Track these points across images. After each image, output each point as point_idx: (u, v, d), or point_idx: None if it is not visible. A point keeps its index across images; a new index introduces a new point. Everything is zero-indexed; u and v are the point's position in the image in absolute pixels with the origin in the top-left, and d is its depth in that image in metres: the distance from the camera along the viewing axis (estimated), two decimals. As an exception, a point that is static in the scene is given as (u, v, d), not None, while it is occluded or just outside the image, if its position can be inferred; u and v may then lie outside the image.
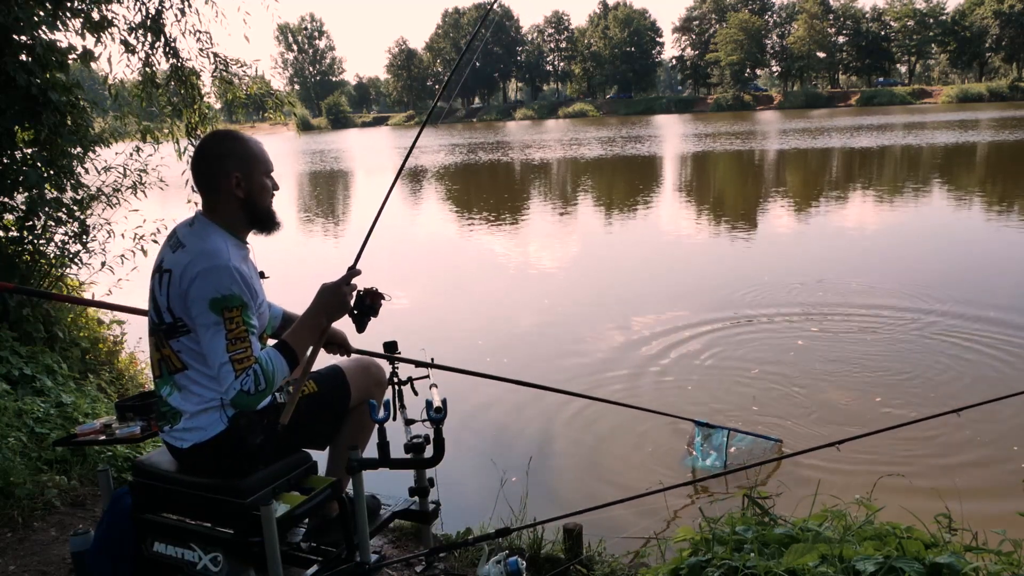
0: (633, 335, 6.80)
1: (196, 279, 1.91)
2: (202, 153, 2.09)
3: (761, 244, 11.42)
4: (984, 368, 5.64)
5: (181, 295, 1.94)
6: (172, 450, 2.13)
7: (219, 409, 2.03)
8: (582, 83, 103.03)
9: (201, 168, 2.08)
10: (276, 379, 1.99)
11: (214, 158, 2.06)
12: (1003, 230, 11.64)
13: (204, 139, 2.14)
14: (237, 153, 2.06)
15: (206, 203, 2.09)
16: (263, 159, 2.12)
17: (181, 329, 1.98)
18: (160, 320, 2.01)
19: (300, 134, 24.64)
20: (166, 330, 2.00)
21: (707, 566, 1.96)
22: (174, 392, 2.06)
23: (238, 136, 2.11)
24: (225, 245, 2.00)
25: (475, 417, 5.20)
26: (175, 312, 1.97)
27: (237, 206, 2.06)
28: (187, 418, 2.04)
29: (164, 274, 1.98)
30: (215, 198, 2.06)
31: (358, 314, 2.22)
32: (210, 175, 2.05)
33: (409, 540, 3.28)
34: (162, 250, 2.08)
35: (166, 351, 2.03)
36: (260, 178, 2.09)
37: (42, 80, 4.40)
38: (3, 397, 3.85)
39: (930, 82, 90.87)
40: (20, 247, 4.70)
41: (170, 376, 2.05)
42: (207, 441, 2.03)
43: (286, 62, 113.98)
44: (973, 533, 2.09)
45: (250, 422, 2.04)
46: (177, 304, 1.96)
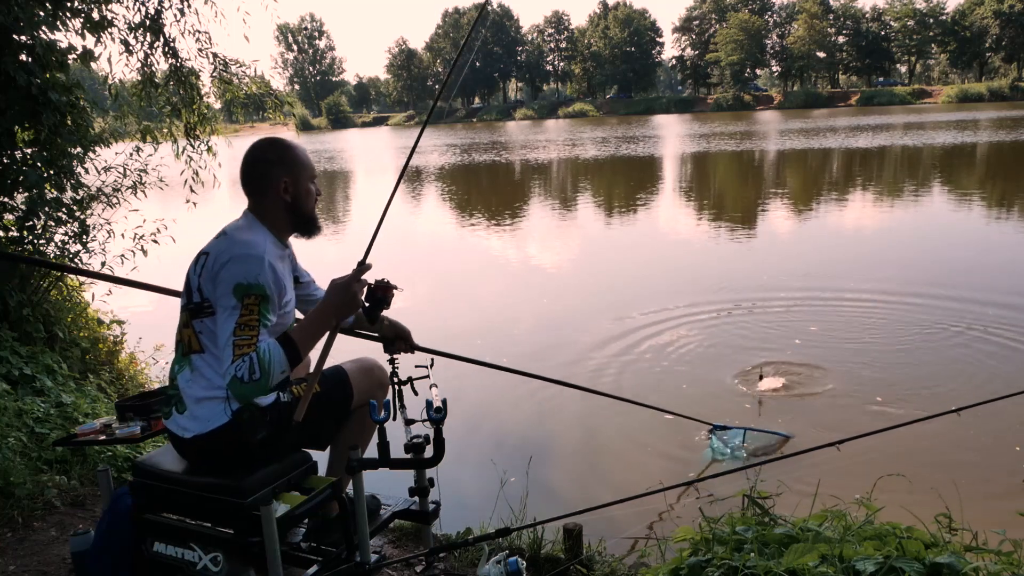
0: (633, 335, 6.79)
1: (228, 263, 2.00)
2: (253, 158, 2.17)
3: (761, 243, 11.42)
4: (985, 367, 5.64)
5: (212, 276, 2.01)
6: (174, 439, 2.14)
7: (224, 401, 2.04)
8: (582, 83, 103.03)
9: (251, 172, 2.17)
10: (273, 371, 1.95)
11: (264, 163, 2.16)
12: (1004, 230, 11.65)
13: (255, 145, 2.20)
14: (287, 160, 2.17)
15: (253, 204, 2.19)
16: (308, 166, 2.23)
17: (206, 310, 2.05)
18: (190, 299, 2.09)
19: (300, 134, 24.61)
20: (193, 309, 2.08)
21: (707, 566, 1.96)
22: (186, 371, 2.10)
23: (287, 143, 2.21)
24: (264, 240, 2.09)
25: (475, 417, 5.20)
26: (204, 292, 2.05)
27: (283, 209, 2.17)
28: (193, 404, 2.06)
29: (202, 256, 2.08)
30: (262, 200, 2.16)
31: (370, 307, 2.24)
32: (260, 179, 2.16)
33: (409, 540, 3.28)
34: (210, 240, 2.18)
35: (188, 331, 2.10)
36: (306, 183, 2.21)
37: (42, 80, 4.39)
38: (3, 397, 3.85)
39: (930, 82, 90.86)
40: (20, 247, 4.70)
41: (186, 357, 2.11)
42: (208, 433, 2.04)
43: (286, 62, 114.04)
44: (973, 533, 2.08)
45: (253, 417, 2.05)
46: (207, 285, 2.03)
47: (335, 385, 2.31)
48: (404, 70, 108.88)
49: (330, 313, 2.13)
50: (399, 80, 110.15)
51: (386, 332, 2.59)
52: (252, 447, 2.07)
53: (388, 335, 2.60)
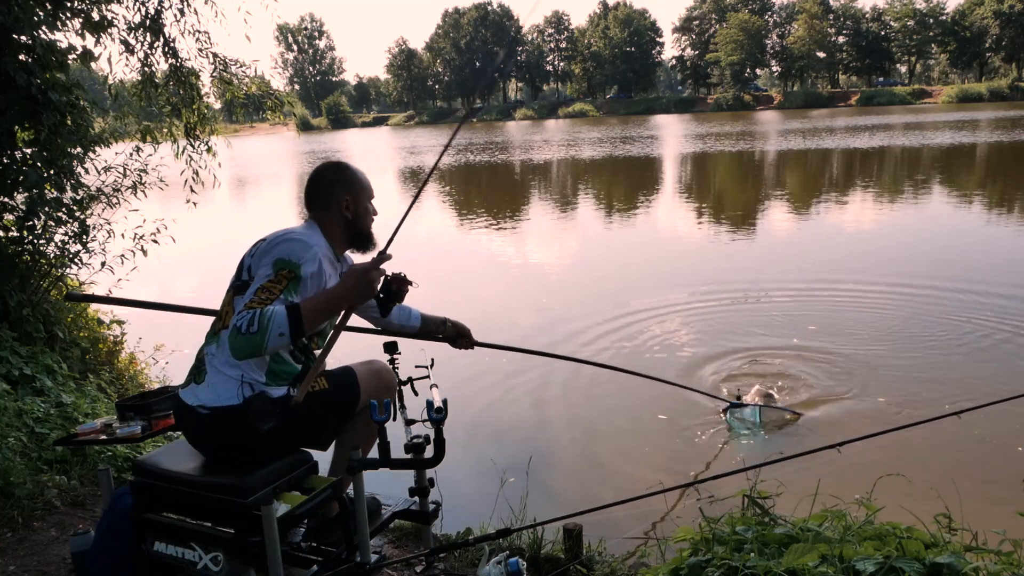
0: (632, 335, 6.80)
1: (280, 243, 2.13)
2: (319, 179, 2.35)
3: (761, 243, 11.41)
4: (986, 369, 5.64)
5: (262, 254, 2.13)
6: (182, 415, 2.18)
7: (239, 383, 2.08)
8: (582, 83, 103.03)
9: (315, 192, 2.33)
10: (271, 330, 1.92)
11: (327, 184, 2.33)
12: (1006, 229, 11.65)
13: (321, 168, 2.40)
14: (347, 181, 2.35)
15: (315, 216, 2.33)
16: (368, 187, 2.40)
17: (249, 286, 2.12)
18: (238, 277, 2.20)
19: (300, 134, 24.55)
20: (238, 287, 2.16)
21: (707, 566, 1.96)
22: (213, 344, 2.17)
23: (349, 167, 2.40)
24: (320, 241, 2.23)
25: (475, 417, 5.20)
26: (252, 271, 2.14)
27: (343, 225, 2.32)
28: (213, 373, 2.12)
29: (260, 243, 2.21)
30: (325, 215, 2.31)
31: (384, 299, 2.29)
32: (324, 197, 2.32)
33: (409, 540, 3.28)
34: None
35: (227, 308, 2.18)
36: (365, 203, 2.37)
37: (42, 80, 4.39)
38: (3, 397, 3.85)
39: (930, 82, 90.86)
40: (20, 247, 4.70)
41: (217, 333, 2.17)
42: (218, 408, 2.06)
43: (286, 62, 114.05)
44: (973, 533, 2.08)
45: (263, 406, 2.09)
46: (256, 262, 2.14)
47: (344, 385, 2.32)
48: (404, 70, 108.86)
49: (344, 295, 2.13)
50: (399, 80, 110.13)
51: (449, 332, 2.83)
52: (258, 435, 2.07)
53: (451, 334, 2.84)
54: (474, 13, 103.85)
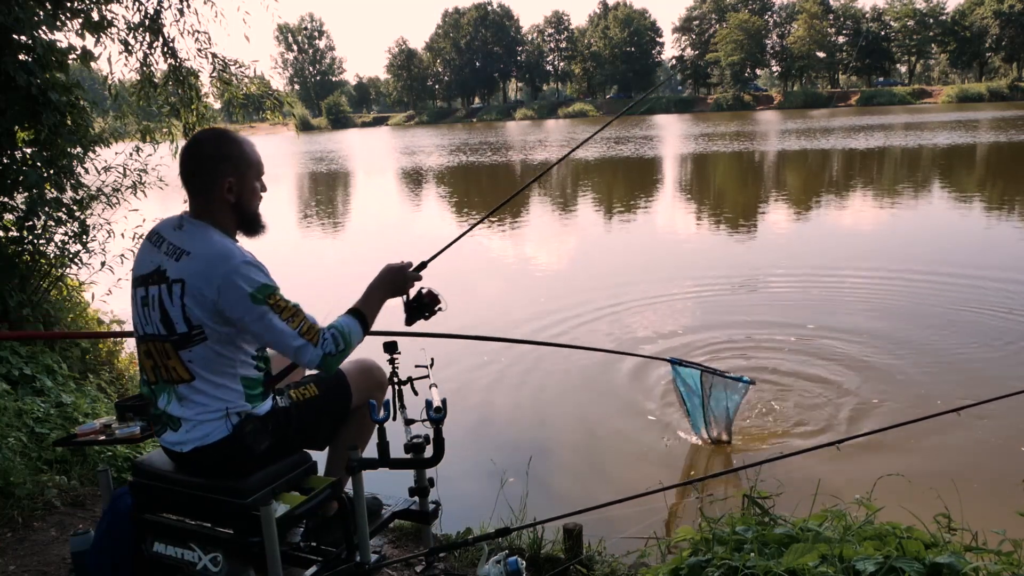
0: (632, 335, 6.80)
1: (223, 284, 1.88)
2: (197, 153, 2.02)
3: (762, 243, 11.42)
4: (985, 366, 5.64)
5: (208, 303, 1.90)
6: (171, 455, 2.11)
7: (224, 419, 2.00)
8: (582, 83, 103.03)
9: (194, 168, 2.02)
10: (352, 341, 2.05)
11: (208, 159, 2.01)
12: (1005, 229, 11.65)
13: (199, 137, 2.07)
14: (233, 157, 2.02)
15: (195, 203, 2.04)
16: (256, 163, 2.09)
17: (196, 338, 1.94)
18: (170, 331, 1.95)
19: (299, 134, 24.57)
20: (178, 340, 1.95)
21: (707, 566, 1.96)
22: (173, 401, 2.02)
23: (234, 138, 2.05)
24: (230, 243, 2.00)
25: (475, 417, 5.20)
26: (192, 320, 1.92)
27: (227, 209, 2.04)
28: (189, 425, 2.02)
29: (175, 284, 1.92)
30: (205, 199, 2.02)
31: (414, 307, 2.33)
32: (204, 176, 2.01)
33: (409, 540, 3.28)
34: (151, 256, 2.00)
35: (172, 362, 1.98)
36: (252, 183, 2.07)
37: (42, 80, 4.39)
38: (3, 397, 3.85)
39: (930, 82, 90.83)
40: (20, 247, 4.70)
41: (169, 385, 2.02)
42: (209, 445, 2.02)
43: (286, 62, 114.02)
44: (973, 533, 2.09)
45: (255, 429, 2.03)
46: (198, 312, 1.91)
47: (333, 387, 2.30)
48: (404, 70, 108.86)
49: (382, 290, 2.20)
50: (399, 80, 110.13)
51: None
52: (256, 457, 2.06)
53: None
54: (474, 13, 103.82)
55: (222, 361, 1.98)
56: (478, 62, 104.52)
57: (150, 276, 1.99)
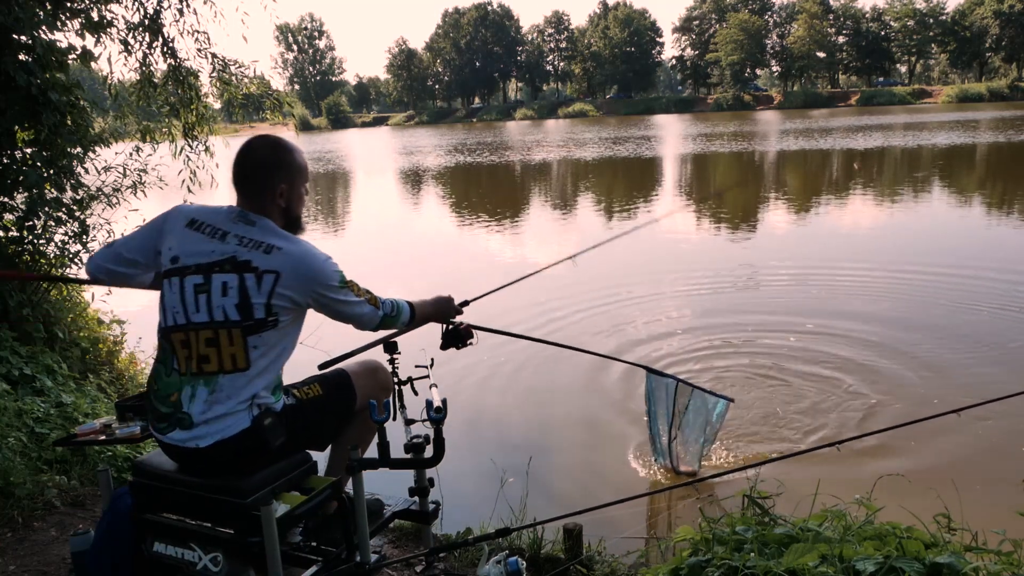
0: (631, 336, 6.80)
1: (321, 276, 2.09)
2: (252, 159, 2.14)
3: (761, 244, 11.42)
4: (985, 366, 5.64)
5: (304, 291, 2.07)
6: (177, 452, 2.07)
7: (248, 409, 2.03)
8: (582, 83, 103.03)
9: (248, 173, 2.14)
10: (401, 315, 2.35)
11: (262, 167, 2.14)
12: (1005, 229, 11.66)
13: (254, 144, 2.17)
14: (285, 165, 2.16)
15: (250, 202, 2.13)
16: (305, 170, 2.23)
17: (270, 323, 2.04)
18: (245, 316, 2.01)
19: (299, 134, 24.47)
20: (251, 326, 2.02)
21: (707, 566, 1.96)
22: (201, 392, 2.01)
23: (287, 147, 2.19)
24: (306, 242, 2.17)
25: (475, 417, 5.20)
26: (273, 308, 2.03)
27: (278, 212, 2.16)
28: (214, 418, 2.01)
29: (266, 275, 2.03)
30: (260, 201, 2.14)
31: (451, 335, 2.67)
32: (258, 182, 2.13)
33: (409, 540, 3.28)
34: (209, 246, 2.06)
35: (233, 348, 2.01)
36: (300, 189, 2.21)
37: (42, 80, 4.39)
38: (3, 397, 3.85)
39: (930, 82, 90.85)
40: (20, 247, 4.70)
41: (212, 376, 2.02)
42: (230, 438, 2.01)
43: (286, 62, 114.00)
44: (973, 533, 2.08)
45: (273, 423, 2.05)
46: (284, 301, 2.04)
47: (338, 388, 2.31)
48: (404, 70, 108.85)
49: (434, 311, 2.56)
50: (399, 80, 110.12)
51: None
52: (271, 452, 2.06)
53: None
54: (474, 13, 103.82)
55: (280, 346, 2.08)
56: (478, 62, 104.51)
57: (216, 264, 2.04)
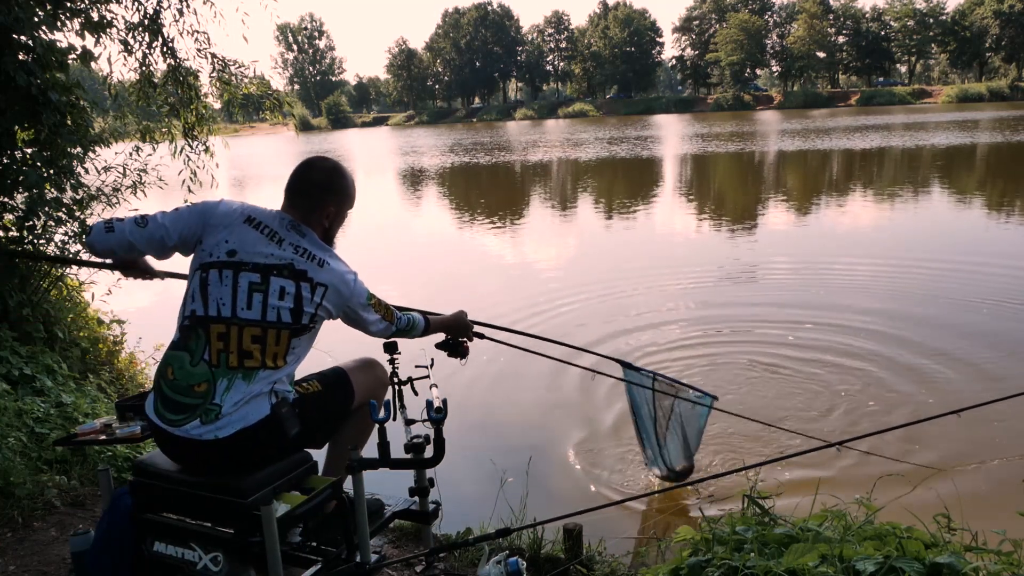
0: (630, 336, 6.80)
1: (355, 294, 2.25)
2: (313, 179, 2.28)
3: (761, 245, 11.42)
4: (986, 366, 5.64)
5: (342, 304, 2.23)
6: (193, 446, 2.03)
7: (268, 395, 2.09)
8: (582, 83, 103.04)
9: (305, 189, 2.26)
10: (415, 330, 2.51)
11: (319, 188, 2.27)
12: (1006, 229, 11.66)
13: (319, 166, 2.32)
14: (341, 190, 2.30)
15: (300, 214, 2.24)
16: (352, 197, 2.37)
17: (309, 327, 2.17)
18: (296, 320, 2.13)
19: (299, 134, 24.44)
20: (298, 329, 2.14)
21: (707, 566, 1.96)
22: (238, 384, 2.05)
23: (345, 174, 2.34)
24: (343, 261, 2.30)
25: (475, 417, 5.20)
26: (318, 315, 2.18)
27: (320, 229, 2.28)
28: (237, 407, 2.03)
29: (319, 287, 2.16)
30: (307, 216, 2.25)
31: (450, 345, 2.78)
32: (311, 200, 2.25)
33: (409, 540, 3.28)
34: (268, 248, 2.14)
35: (280, 347, 2.11)
36: (344, 213, 2.35)
37: (42, 80, 4.39)
38: (3, 397, 3.85)
39: (930, 82, 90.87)
40: (20, 247, 4.70)
41: (248, 371, 2.06)
42: (251, 427, 2.04)
43: (286, 62, 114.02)
44: (973, 533, 2.08)
45: (289, 412, 2.11)
46: (324, 312, 2.19)
47: (335, 385, 2.32)
48: (404, 70, 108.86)
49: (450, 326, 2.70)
50: (399, 80, 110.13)
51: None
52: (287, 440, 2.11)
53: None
54: (474, 13, 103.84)
55: (305, 347, 2.21)
56: (478, 62, 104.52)
57: (275, 268, 2.13)
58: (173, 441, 2.08)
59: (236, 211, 2.20)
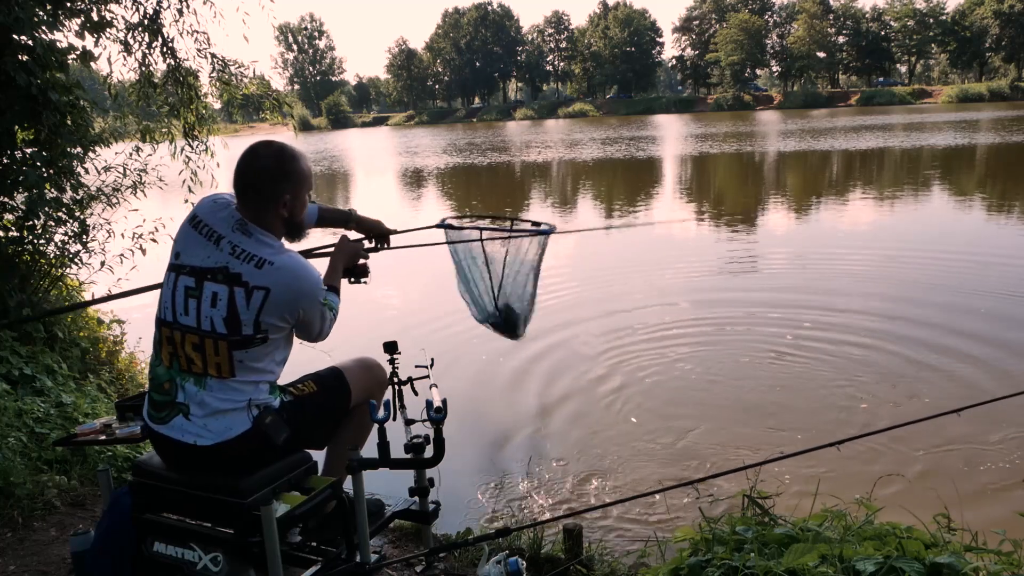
0: (631, 337, 6.80)
1: (309, 296, 2.08)
2: (257, 168, 2.09)
3: (762, 237, 11.41)
4: (985, 365, 5.64)
5: (291, 309, 2.05)
6: (177, 446, 2.04)
7: (245, 410, 2.03)
8: (582, 83, 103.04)
9: (253, 182, 2.08)
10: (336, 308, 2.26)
11: (269, 178, 2.08)
12: (1005, 230, 11.65)
13: (259, 152, 2.12)
14: (292, 175, 2.11)
15: (252, 210, 2.09)
16: (310, 177, 2.19)
17: (258, 340, 2.01)
18: (233, 331, 1.99)
19: (299, 134, 24.37)
20: (238, 341, 1.99)
21: (707, 566, 1.96)
22: (192, 387, 2.02)
23: (292, 155, 2.13)
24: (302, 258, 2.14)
25: (475, 417, 5.20)
26: (263, 325, 2.00)
27: (280, 221, 2.13)
28: (206, 415, 2.01)
29: (256, 291, 1.99)
30: (263, 212, 2.09)
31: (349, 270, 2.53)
32: (263, 192, 2.08)
33: (409, 540, 3.28)
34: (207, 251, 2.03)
35: (218, 358, 2.00)
36: (303, 197, 2.17)
37: (42, 80, 4.39)
38: (3, 397, 3.85)
39: (930, 82, 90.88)
40: (20, 247, 4.70)
41: (200, 377, 2.02)
42: (232, 440, 2.01)
43: (286, 62, 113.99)
44: (973, 533, 2.09)
45: (274, 421, 2.05)
46: (273, 318, 2.02)
47: (332, 386, 2.30)
48: (404, 70, 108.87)
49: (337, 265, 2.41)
50: (399, 80, 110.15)
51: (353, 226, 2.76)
52: (276, 449, 2.06)
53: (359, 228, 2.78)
54: (474, 13, 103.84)
55: (265, 361, 2.05)
56: (478, 62, 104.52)
57: (210, 272, 2.01)
58: (162, 440, 2.09)
59: (194, 211, 2.15)
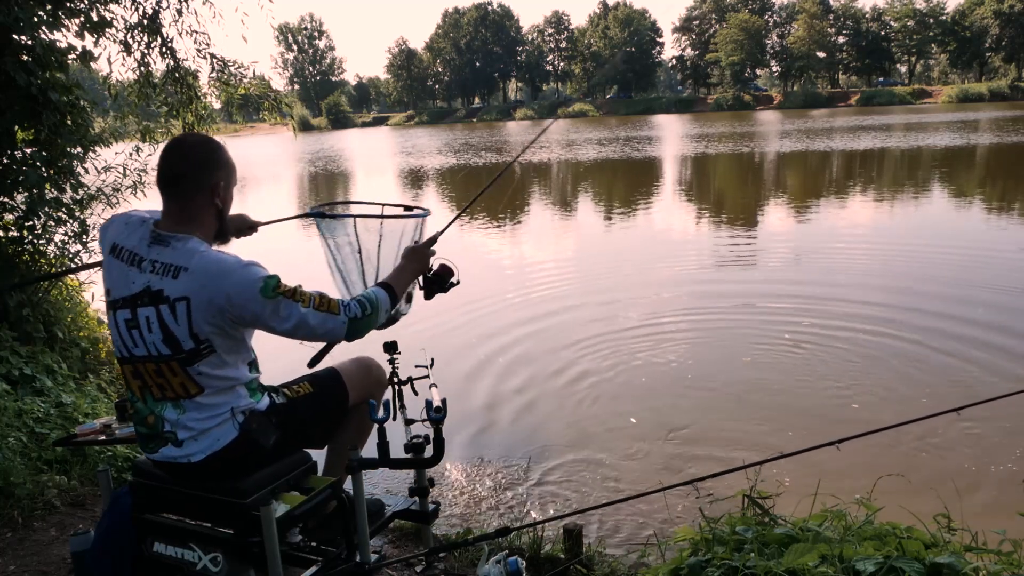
0: (630, 337, 6.79)
1: (233, 291, 1.86)
2: (186, 157, 1.95)
3: (762, 237, 11.42)
4: (985, 366, 5.63)
5: (219, 313, 1.87)
6: (173, 468, 2.03)
7: (230, 419, 2.00)
8: (582, 83, 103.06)
9: (184, 171, 1.94)
10: (380, 307, 2.07)
11: (199, 165, 1.94)
12: (1005, 230, 11.65)
13: (188, 141, 2.06)
14: (222, 162, 1.99)
15: (176, 209, 1.95)
16: (235, 169, 2.08)
17: (204, 351, 1.91)
18: (176, 350, 1.90)
19: (299, 134, 24.38)
20: (185, 358, 1.91)
21: (707, 566, 1.96)
22: (172, 412, 1.98)
23: (219, 144, 2.02)
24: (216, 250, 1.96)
25: (475, 417, 5.20)
26: (200, 336, 1.89)
27: (213, 215, 1.99)
28: (190, 437, 1.98)
29: (178, 303, 1.87)
30: (191, 206, 1.95)
31: (433, 281, 2.41)
32: (193, 181, 1.94)
33: (409, 540, 3.28)
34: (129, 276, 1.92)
35: (179, 379, 1.93)
36: (231, 189, 2.05)
37: (42, 80, 4.39)
38: (3, 397, 3.85)
39: (930, 82, 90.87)
40: (20, 247, 4.70)
41: (175, 400, 1.97)
42: (221, 450, 2.00)
43: (286, 62, 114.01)
44: (973, 533, 2.09)
45: (261, 425, 2.03)
46: (206, 326, 1.88)
47: (329, 386, 2.29)
48: (404, 70, 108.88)
49: (410, 267, 2.29)
50: (399, 80, 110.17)
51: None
52: (266, 453, 2.05)
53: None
54: (474, 13, 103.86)
55: (228, 368, 1.97)
56: (478, 62, 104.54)
57: (137, 297, 1.91)
58: (159, 465, 2.07)
59: (108, 240, 2.00)
